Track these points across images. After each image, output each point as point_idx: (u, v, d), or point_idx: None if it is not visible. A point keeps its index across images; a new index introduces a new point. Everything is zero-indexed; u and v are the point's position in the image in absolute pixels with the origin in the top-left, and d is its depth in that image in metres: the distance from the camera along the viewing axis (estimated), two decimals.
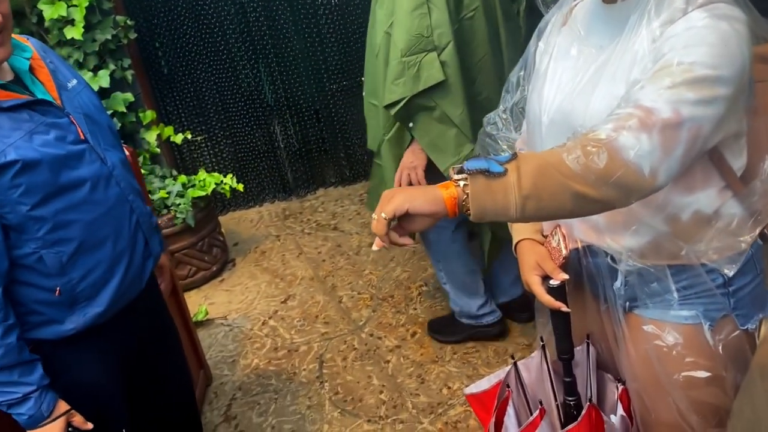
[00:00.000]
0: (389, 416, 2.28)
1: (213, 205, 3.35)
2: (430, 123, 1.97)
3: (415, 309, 2.82)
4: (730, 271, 1.08)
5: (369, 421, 2.27)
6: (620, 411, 1.20)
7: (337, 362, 2.59)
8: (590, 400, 1.20)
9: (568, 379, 1.24)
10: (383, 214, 0.97)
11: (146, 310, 1.57)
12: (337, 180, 4.09)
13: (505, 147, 1.33)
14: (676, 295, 1.12)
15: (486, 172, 0.94)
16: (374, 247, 1.02)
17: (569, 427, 1.18)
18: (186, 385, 1.81)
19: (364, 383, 2.46)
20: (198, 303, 3.10)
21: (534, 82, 1.23)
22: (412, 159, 2.05)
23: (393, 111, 1.95)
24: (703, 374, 1.12)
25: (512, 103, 1.33)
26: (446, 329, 2.59)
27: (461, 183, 0.95)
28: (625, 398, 1.23)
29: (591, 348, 1.27)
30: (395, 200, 0.96)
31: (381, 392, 2.39)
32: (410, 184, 2.07)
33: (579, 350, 1.29)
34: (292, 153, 4.00)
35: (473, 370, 2.42)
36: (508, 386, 1.27)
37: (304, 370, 2.58)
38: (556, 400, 1.28)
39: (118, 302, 1.42)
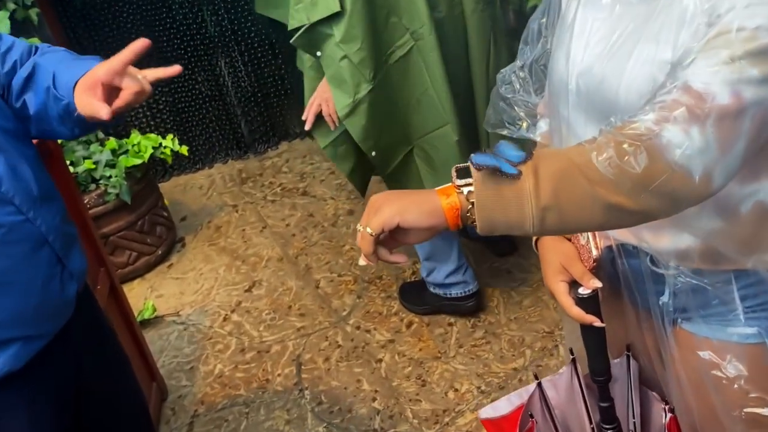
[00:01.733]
0: (385, 429, 2.28)
1: (152, 173, 3.29)
2: (334, 54, 2.15)
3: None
4: None
5: None
6: None
7: (318, 364, 2.58)
8: (633, 430, 1.19)
9: (604, 404, 1.23)
10: (369, 230, 0.93)
11: (82, 338, 1.53)
12: (304, 130, 4.01)
13: (522, 114, 1.29)
14: (741, 309, 1.10)
15: (497, 171, 0.89)
16: (361, 262, 0.99)
17: None
18: (140, 413, 1.79)
19: (353, 389, 2.45)
20: (143, 297, 3.06)
21: (559, 35, 1.18)
22: (326, 89, 2.21)
23: (293, 39, 2.16)
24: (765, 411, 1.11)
25: (532, 59, 1.28)
26: (414, 297, 2.73)
27: (465, 189, 0.92)
28: (674, 428, 1.23)
29: (632, 361, 1.27)
30: (383, 212, 0.93)
31: (374, 399, 2.39)
32: (321, 114, 2.28)
33: (617, 363, 1.28)
34: (245, 99, 3.93)
35: (484, 367, 2.42)
36: (532, 416, 1.26)
37: (279, 375, 2.58)
38: (591, 423, 1.28)
39: (30, 346, 1.37)
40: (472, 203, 0.90)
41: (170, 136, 3.15)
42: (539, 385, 1.28)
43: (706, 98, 0.87)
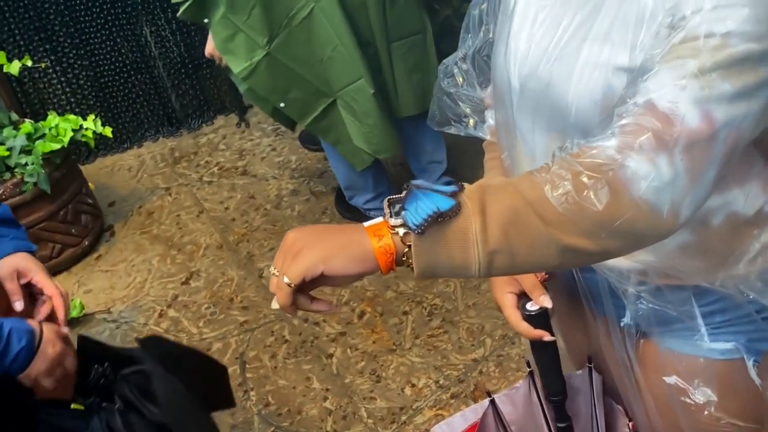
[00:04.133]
0: (338, 431, 2.24)
1: (74, 156, 3.16)
2: (223, 24, 2.39)
3: (361, 280, 2.74)
4: None
5: None
6: None
7: (264, 361, 2.53)
8: None
9: (562, 425, 1.22)
10: (286, 279, 0.85)
11: None
12: (241, 102, 3.91)
13: (468, 111, 1.23)
14: (702, 324, 1.07)
15: (437, 216, 0.82)
16: (273, 306, 0.91)
17: None
18: None
19: (302, 388, 2.41)
20: (69, 293, 2.94)
21: (501, 24, 1.11)
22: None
23: (180, 13, 2.42)
24: None
25: (473, 49, 1.21)
26: (347, 205, 2.99)
27: (401, 231, 0.84)
28: None
29: (595, 374, 1.25)
30: (304, 259, 0.84)
31: (325, 399, 2.36)
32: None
33: (579, 375, 1.26)
34: (175, 70, 3.81)
35: (442, 359, 2.39)
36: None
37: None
38: None
39: None
40: (409, 246, 0.83)
41: (92, 116, 3.02)
42: (492, 402, 1.25)
43: (674, 121, 0.81)
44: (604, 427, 1.23)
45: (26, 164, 2.84)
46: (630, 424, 1.21)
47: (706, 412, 1.08)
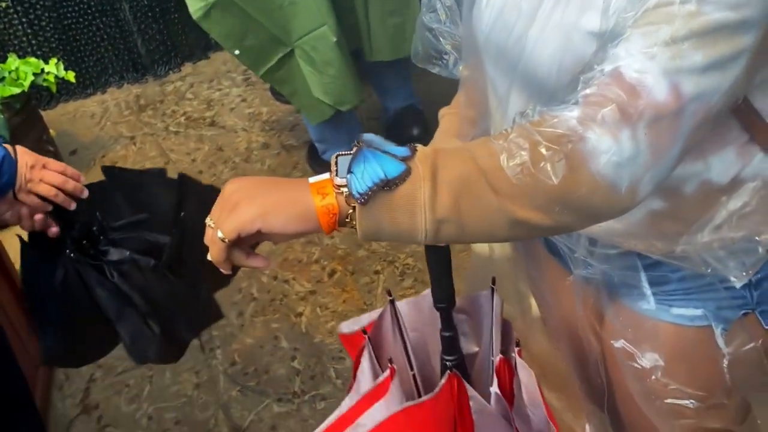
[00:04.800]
0: (306, 392, 2.22)
1: (34, 101, 3.06)
2: None
3: (333, 237, 2.70)
4: (738, 281, 0.99)
5: (280, 400, 2.21)
6: (495, 388, 1.16)
7: (230, 319, 2.49)
8: (451, 369, 1.16)
9: (446, 334, 1.19)
10: (220, 234, 0.83)
11: None
12: (210, 48, 3.82)
13: (449, 47, 1.19)
14: (648, 289, 1.06)
15: (384, 184, 0.79)
16: (208, 257, 0.88)
17: (422, 399, 1.14)
18: (16, 384, 1.70)
19: (270, 347, 2.38)
20: None
21: None
22: None
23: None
24: (695, 404, 1.08)
25: None
26: (320, 160, 2.92)
27: (345, 191, 0.81)
28: (505, 370, 1.18)
29: (496, 296, 1.24)
30: (240, 214, 0.82)
31: (293, 359, 2.33)
32: None
33: (485, 296, 1.24)
34: (141, 13, 3.70)
35: None
36: (365, 332, 1.22)
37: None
38: (412, 369, 1.23)
39: None
40: (354, 207, 0.81)
41: (53, 60, 2.92)
42: (392, 302, 1.23)
43: (640, 93, 0.77)
44: (498, 348, 1.21)
45: None
46: (517, 350, 1.19)
47: (653, 377, 1.07)
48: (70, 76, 2.95)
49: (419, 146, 0.82)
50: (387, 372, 1.13)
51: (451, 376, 1.13)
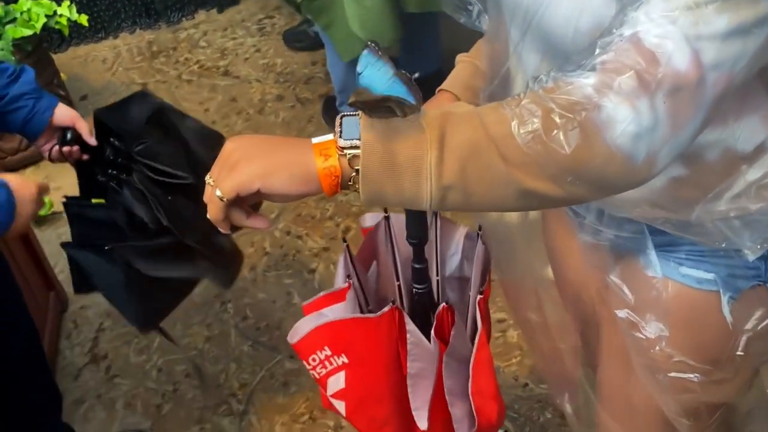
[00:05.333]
0: None
1: (46, 43, 2.99)
2: None
3: (346, 194, 2.66)
4: (752, 253, 0.97)
5: (292, 357, 2.19)
6: (432, 336, 1.24)
7: (243, 273, 2.45)
8: (420, 296, 1.26)
9: (417, 266, 1.25)
10: (219, 193, 0.81)
11: None
12: None
13: None
14: (654, 255, 1.04)
15: (395, 101, 0.76)
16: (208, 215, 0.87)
17: (367, 316, 1.23)
18: (31, 355, 1.69)
19: (283, 303, 2.36)
20: None
21: None
22: None
23: None
24: (700, 378, 1.06)
25: None
26: (336, 113, 2.88)
27: (349, 153, 0.79)
28: (446, 317, 1.23)
29: (480, 243, 1.29)
30: (240, 173, 0.80)
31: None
32: None
33: (474, 241, 1.31)
34: None
35: None
36: (348, 276, 1.28)
37: (198, 285, 2.42)
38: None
39: None
40: (357, 170, 0.78)
41: (66, 2, 2.83)
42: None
43: (660, 60, 0.73)
44: (476, 291, 1.27)
45: None
46: (480, 297, 1.25)
47: (657, 348, 1.05)
48: (83, 19, 2.88)
49: (428, 109, 0.79)
50: (345, 284, 1.24)
51: (393, 309, 1.19)
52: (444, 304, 1.22)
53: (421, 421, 1.28)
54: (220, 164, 0.82)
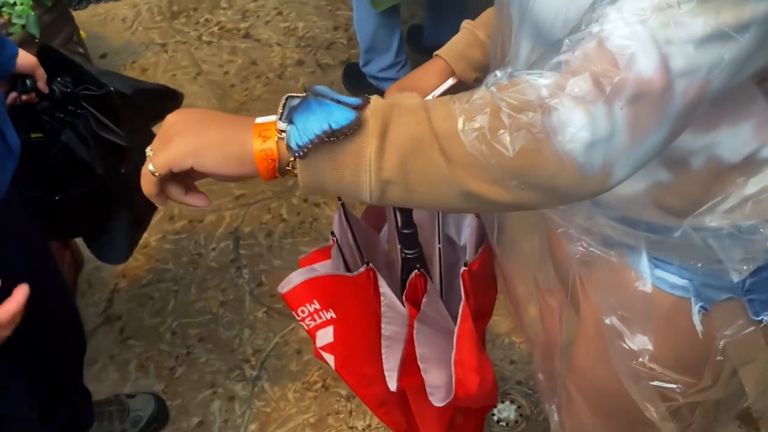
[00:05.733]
0: None
1: (65, 0, 2.95)
2: None
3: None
4: (739, 274, 0.91)
5: None
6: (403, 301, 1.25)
7: (259, 239, 2.45)
8: (410, 261, 1.24)
9: (406, 231, 1.23)
10: (151, 167, 0.77)
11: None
12: None
13: None
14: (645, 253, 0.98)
15: (327, 136, 0.71)
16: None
17: (344, 274, 1.24)
18: (69, 325, 1.73)
19: None
20: None
21: None
22: None
23: None
24: (682, 389, 1.03)
25: None
26: (355, 80, 2.86)
27: (286, 136, 0.74)
28: (418, 283, 1.23)
29: (474, 216, 1.29)
30: (173, 148, 0.76)
31: None
32: None
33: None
34: None
35: None
36: (333, 233, 1.29)
37: (214, 250, 2.43)
38: (399, 243, 1.29)
39: None
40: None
41: None
42: (343, 205, 1.28)
43: (622, 64, 0.67)
44: (462, 263, 1.26)
45: (14, 4, 2.63)
46: (464, 269, 1.23)
47: (641, 359, 1.01)
48: None
49: (374, 97, 0.74)
50: (331, 242, 1.25)
51: (368, 269, 1.20)
52: (416, 271, 1.21)
53: (391, 382, 1.29)
54: (159, 137, 0.78)
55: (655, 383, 1.02)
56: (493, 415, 1.94)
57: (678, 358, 1.02)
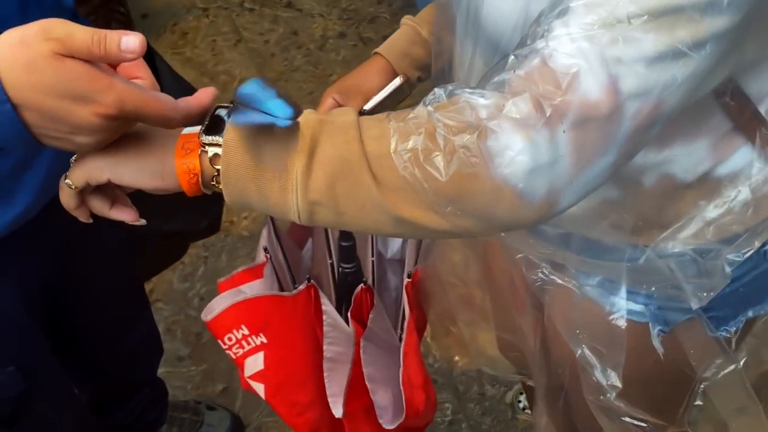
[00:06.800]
0: None
1: None
2: None
3: None
4: (696, 302, 0.87)
5: None
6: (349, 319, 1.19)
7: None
8: (348, 276, 1.19)
9: (345, 244, 1.19)
10: (68, 181, 0.72)
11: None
12: None
13: None
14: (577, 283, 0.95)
15: (265, 128, 0.66)
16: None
17: (282, 293, 1.19)
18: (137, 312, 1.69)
19: None
20: None
21: None
22: None
23: None
24: (650, 428, 1.00)
25: None
26: None
27: (211, 150, 0.69)
28: (364, 299, 1.17)
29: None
30: (90, 160, 0.70)
31: None
32: None
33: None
34: None
35: None
36: (266, 249, 1.25)
37: (246, 218, 2.41)
38: (330, 258, 1.24)
39: (45, 195, 1.16)
40: (219, 171, 0.68)
41: None
42: (272, 219, 1.25)
43: (566, 85, 0.63)
44: (405, 274, 1.22)
45: None
46: (408, 281, 1.20)
47: (609, 395, 0.96)
48: None
49: (306, 111, 0.69)
50: (263, 259, 1.19)
51: (309, 286, 1.15)
52: (362, 285, 1.15)
53: (336, 408, 1.21)
54: (78, 156, 0.73)
55: (625, 419, 0.99)
56: (519, 401, 1.93)
57: (648, 396, 0.99)
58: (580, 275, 0.97)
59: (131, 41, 0.64)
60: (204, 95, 0.72)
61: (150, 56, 1.48)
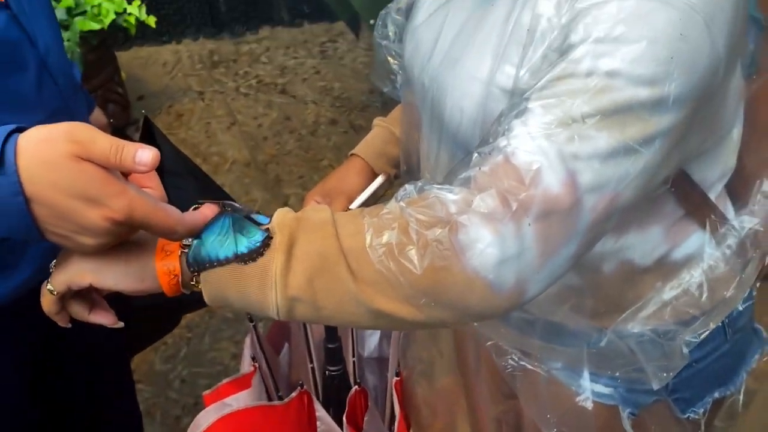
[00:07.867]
0: None
1: (111, 40, 3.01)
2: None
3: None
4: (657, 383, 0.88)
5: None
6: (344, 423, 1.17)
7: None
8: (334, 379, 1.19)
9: (330, 346, 1.19)
10: (49, 287, 0.73)
11: None
12: (291, 16, 3.78)
13: (396, 67, 1.11)
14: (546, 366, 0.96)
15: (234, 259, 0.69)
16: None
17: (274, 403, 1.17)
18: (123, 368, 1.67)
19: None
20: None
21: (418, 2, 0.98)
22: None
23: None
24: None
25: (406, 3, 1.08)
26: None
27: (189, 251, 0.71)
28: (359, 401, 1.16)
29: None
30: (71, 264, 0.71)
31: None
32: None
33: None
34: None
35: None
36: (254, 358, 1.24)
37: None
38: (311, 363, 1.23)
39: (44, 272, 1.18)
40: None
41: (137, 2, 2.86)
42: (255, 327, 1.24)
43: (528, 181, 0.66)
44: (393, 372, 1.20)
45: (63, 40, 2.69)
46: (396, 379, 1.19)
47: None
48: (151, 21, 2.90)
49: (283, 211, 0.72)
50: (250, 369, 1.17)
51: (302, 393, 1.13)
52: (356, 387, 1.14)
53: None
54: (58, 260, 0.73)
55: None
56: None
57: None
58: (546, 360, 0.98)
59: (145, 155, 0.66)
60: (209, 211, 0.73)
61: (149, 131, 1.53)
